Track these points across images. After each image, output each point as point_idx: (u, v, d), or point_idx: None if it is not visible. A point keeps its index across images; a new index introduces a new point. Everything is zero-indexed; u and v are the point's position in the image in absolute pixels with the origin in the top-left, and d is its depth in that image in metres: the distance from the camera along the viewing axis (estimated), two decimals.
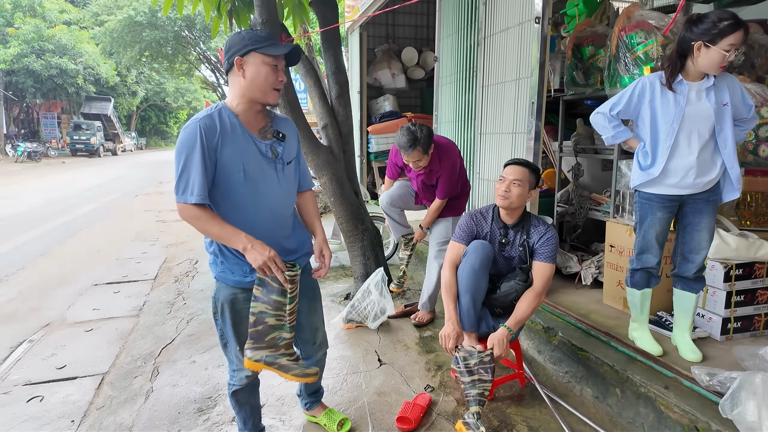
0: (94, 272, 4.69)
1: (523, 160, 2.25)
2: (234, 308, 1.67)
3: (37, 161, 21.33)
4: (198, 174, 1.46)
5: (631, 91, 2.14)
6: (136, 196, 10.62)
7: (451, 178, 2.93)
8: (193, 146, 1.46)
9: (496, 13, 3.29)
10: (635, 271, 2.31)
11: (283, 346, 1.64)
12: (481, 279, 2.15)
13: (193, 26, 19.56)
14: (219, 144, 1.50)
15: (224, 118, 1.53)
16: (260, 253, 1.49)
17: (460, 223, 2.31)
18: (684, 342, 2.25)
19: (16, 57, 23.11)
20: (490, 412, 2.22)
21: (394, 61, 6.67)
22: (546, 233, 2.17)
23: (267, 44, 1.53)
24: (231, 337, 1.73)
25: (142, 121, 42.48)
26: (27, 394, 2.49)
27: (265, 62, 1.53)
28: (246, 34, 1.53)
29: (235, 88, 1.57)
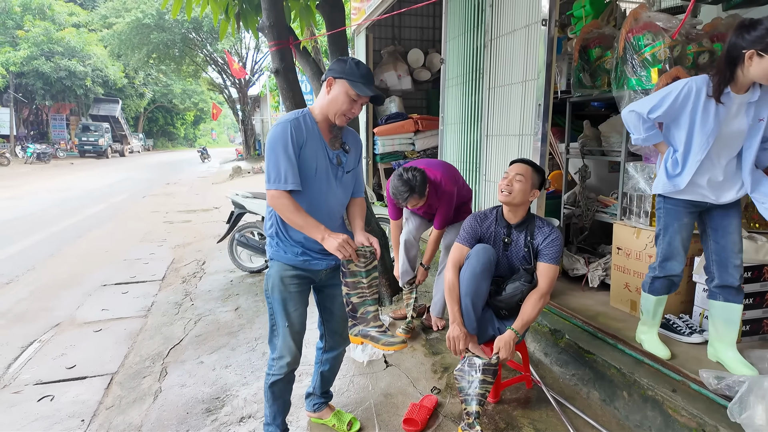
0: (102, 273, 4.73)
1: (526, 159, 2.26)
2: (283, 283, 1.85)
3: (46, 162, 21.55)
4: (291, 165, 1.71)
5: (676, 94, 2.00)
6: (144, 197, 10.71)
7: (449, 208, 2.91)
8: (285, 142, 1.70)
9: (503, 15, 3.29)
10: (657, 278, 2.23)
11: (371, 319, 1.90)
12: (482, 282, 2.14)
13: (200, 28, 19.70)
14: (303, 142, 1.74)
15: (308, 122, 1.78)
16: (335, 239, 1.72)
17: (464, 225, 2.31)
18: (734, 358, 2.09)
19: (25, 59, 23.40)
20: (497, 414, 2.22)
21: (400, 62, 6.68)
22: (550, 234, 2.16)
23: (358, 81, 1.72)
24: (279, 313, 1.86)
25: (149, 122, 42.83)
26: (38, 393, 2.53)
27: (348, 93, 1.73)
28: (348, 65, 1.74)
29: (319, 100, 1.81)
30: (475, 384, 1.95)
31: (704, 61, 2.86)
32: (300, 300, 1.89)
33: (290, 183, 1.70)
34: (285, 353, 1.88)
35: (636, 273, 2.77)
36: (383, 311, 3.49)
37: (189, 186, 13.35)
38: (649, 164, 2.86)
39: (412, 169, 2.77)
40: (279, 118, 1.78)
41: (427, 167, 2.93)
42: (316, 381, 2.16)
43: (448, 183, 2.88)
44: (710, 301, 2.20)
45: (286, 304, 1.86)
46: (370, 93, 1.75)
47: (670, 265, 2.19)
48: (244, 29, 3.67)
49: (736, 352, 2.12)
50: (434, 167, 2.96)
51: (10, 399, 2.47)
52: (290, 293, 1.86)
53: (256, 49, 23.34)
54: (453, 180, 2.93)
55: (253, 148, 24.71)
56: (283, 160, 1.69)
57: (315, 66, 3.56)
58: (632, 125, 2.18)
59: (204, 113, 45.07)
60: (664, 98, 2.03)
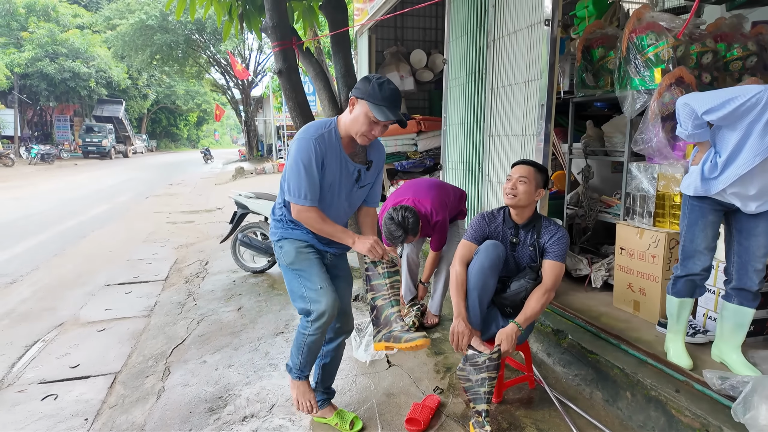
0: (106, 273, 4.75)
1: (528, 161, 2.26)
2: (301, 252, 1.94)
3: (50, 163, 21.64)
4: (312, 182, 1.77)
5: (742, 101, 1.83)
6: (147, 198, 10.74)
7: (443, 233, 2.93)
8: (309, 159, 1.75)
9: (506, 16, 3.29)
10: (678, 278, 2.19)
11: (394, 320, 1.93)
12: (489, 278, 2.15)
13: (203, 30, 19.77)
14: (325, 157, 1.79)
15: (332, 137, 1.81)
16: (366, 241, 1.86)
17: (472, 223, 2.31)
18: (738, 361, 2.09)
19: (30, 61, 23.54)
20: (499, 414, 2.22)
21: (403, 63, 6.68)
22: (557, 233, 2.17)
23: (380, 103, 1.71)
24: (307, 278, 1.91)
25: (152, 123, 42.96)
26: (41, 392, 2.54)
27: (368, 114, 1.73)
28: (372, 85, 1.72)
29: (344, 116, 1.84)
30: (480, 382, 1.96)
31: (707, 61, 2.86)
32: (322, 267, 1.95)
33: (309, 200, 1.78)
34: (326, 310, 1.87)
35: (639, 273, 2.76)
36: None
37: (192, 187, 13.38)
38: (652, 164, 2.85)
39: (403, 209, 2.75)
40: (307, 129, 1.80)
41: (415, 199, 2.91)
42: (318, 375, 2.18)
43: (438, 212, 2.87)
44: (723, 302, 2.18)
45: (312, 269, 1.91)
46: (390, 118, 1.73)
47: (691, 264, 2.14)
48: (248, 30, 3.68)
49: (741, 355, 2.11)
50: (422, 197, 2.93)
51: (14, 398, 2.48)
52: (312, 260, 1.93)
53: (259, 51, 23.39)
54: (443, 205, 2.92)
55: (256, 149, 24.76)
56: (305, 177, 1.75)
57: (318, 66, 3.57)
58: (682, 116, 2.04)
59: (207, 114, 45.21)
60: (727, 102, 1.87)
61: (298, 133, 1.81)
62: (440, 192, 3.01)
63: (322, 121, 1.86)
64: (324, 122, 1.84)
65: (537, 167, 2.23)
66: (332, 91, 3.57)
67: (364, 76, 1.80)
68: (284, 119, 20.21)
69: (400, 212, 2.74)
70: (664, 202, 2.78)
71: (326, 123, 1.84)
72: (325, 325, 1.92)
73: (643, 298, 2.74)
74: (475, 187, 3.81)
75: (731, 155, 1.93)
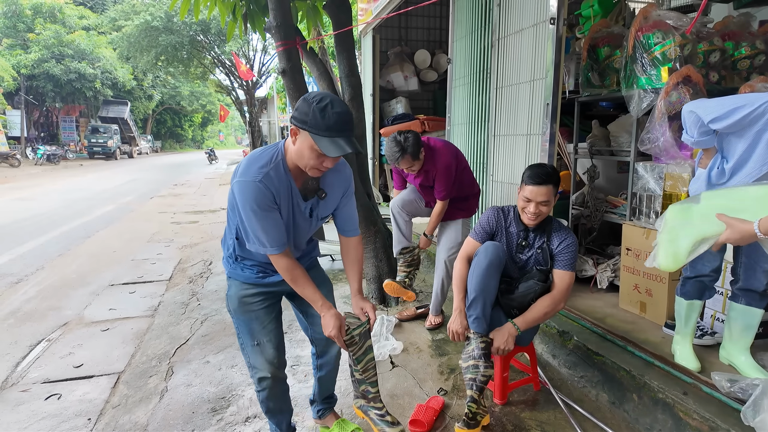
0: (110, 273, 4.76)
1: (545, 175, 2.07)
2: (245, 303, 1.74)
3: (56, 164, 21.77)
4: (271, 226, 1.54)
5: (750, 110, 1.78)
6: (152, 198, 10.78)
7: (448, 178, 2.87)
8: (259, 205, 1.50)
9: (510, 15, 3.27)
10: (687, 279, 2.18)
11: (371, 399, 1.89)
12: (491, 279, 2.10)
13: (207, 31, 19.81)
14: (275, 196, 1.54)
15: (280, 173, 1.55)
16: (329, 323, 1.67)
17: (481, 220, 2.28)
18: (746, 363, 2.07)
19: (36, 62, 23.71)
20: (504, 416, 2.20)
21: (407, 63, 6.67)
22: (566, 239, 2.13)
23: (324, 134, 1.43)
24: (245, 333, 1.76)
25: (157, 124, 43.18)
26: (45, 391, 2.54)
27: (312, 147, 1.46)
28: (313, 111, 1.42)
29: (290, 145, 1.56)
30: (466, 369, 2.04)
31: (715, 59, 2.83)
32: (266, 316, 1.76)
33: (275, 246, 1.56)
34: (262, 370, 1.75)
35: (645, 274, 2.73)
36: (389, 311, 3.47)
37: (196, 187, 13.42)
38: (659, 164, 2.82)
39: (407, 131, 2.81)
40: (248, 166, 1.52)
41: (429, 138, 2.99)
42: (315, 388, 2.08)
43: (446, 153, 2.89)
44: (731, 303, 2.14)
45: (251, 324, 1.74)
46: (340, 152, 1.43)
47: (700, 265, 2.12)
48: (252, 30, 3.68)
49: (749, 357, 2.08)
50: (436, 139, 3.00)
51: (18, 397, 2.49)
52: (254, 311, 1.74)
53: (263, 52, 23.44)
54: (453, 154, 2.94)
55: None
56: (262, 225, 1.52)
57: (322, 66, 3.56)
58: (688, 124, 2.00)
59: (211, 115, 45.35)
60: (733, 111, 1.81)
61: (241, 172, 1.52)
62: (457, 150, 3.02)
63: (266, 152, 1.56)
64: (268, 154, 1.54)
65: (555, 182, 2.09)
66: (336, 92, 3.56)
67: (303, 97, 1.49)
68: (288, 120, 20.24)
69: (404, 134, 2.80)
70: (671, 202, 2.75)
71: (271, 156, 1.54)
72: (269, 382, 1.77)
73: (650, 299, 2.71)
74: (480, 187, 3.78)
75: (738, 163, 1.90)
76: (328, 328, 1.67)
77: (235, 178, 1.54)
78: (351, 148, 1.45)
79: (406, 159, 2.78)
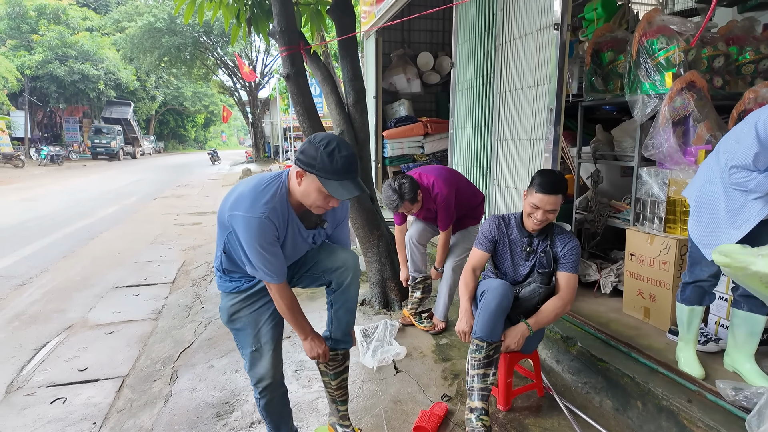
0: (114, 275, 4.78)
1: (555, 183, 2.04)
2: (236, 311, 1.78)
3: (60, 164, 21.84)
4: (277, 259, 1.60)
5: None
6: (155, 199, 10.80)
7: (448, 209, 2.92)
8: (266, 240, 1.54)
9: (514, 20, 3.27)
10: (686, 285, 2.17)
11: (341, 417, 2.01)
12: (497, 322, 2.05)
13: (210, 32, 19.90)
14: (279, 230, 1.59)
15: (284, 206, 1.58)
16: (316, 347, 1.78)
17: (483, 229, 2.29)
18: (752, 370, 2.05)
19: (40, 63, 23.82)
20: (508, 422, 2.20)
21: (410, 65, 6.68)
22: (569, 242, 2.14)
23: (333, 177, 1.47)
24: (242, 340, 1.80)
25: (160, 124, 43.30)
26: (50, 395, 2.55)
27: (320, 190, 1.50)
28: (320, 155, 1.45)
29: (292, 185, 1.58)
30: (473, 378, 2.04)
31: (719, 64, 2.83)
32: (258, 322, 1.77)
33: (277, 277, 1.61)
34: (261, 376, 1.78)
35: (649, 280, 2.73)
36: (392, 316, 3.48)
37: (199, 188, 13.45)
38: (662, 169, 2.82)
39: (401, 176, 2.87)
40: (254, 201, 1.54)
41: (421, 173, 3.00)
42: (330, 323, 1.91)
43: (441, 186, 2.91)
44: (733, 310, 2.14)
45: (245, 331, 1.77)
46: (349, 195, 1.48)
47: (698, 270, 2.12)
48: (255, 34, 3.68)
49: (754, 364, 2.07)
50: (429, 172, 3.01)
51: (24, 401, 2.50)
52: (244, 319, 1.76)
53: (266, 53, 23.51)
54: (448, 182, 2.95)
55: (263, 151, 24.86)
56: (267, 258, 1.56)
57: (325, 70, 3.56)
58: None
59: (214, 116, 45.48)
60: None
61: (245, 207, 1.53)
62: (449, 173, 3.06)
63: (269, 186, 1.56)
64: (271, 189, 1.56)
65: (564, 191, 2.07)
66: (339, 96, 3.56)
67: (308, 140, 1.51)
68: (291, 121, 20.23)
69: (398, 180, 2.85)
70: (675, 207, 2.75)
71: (274, 190, 1.56)
72: (270, 388, 1.79)
73: (654, 304, 2.71)
74: (483, 192, 3.79)
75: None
76: (316, 348, 1.77)
77: (235, 210, 1.55)
78: (358, 190, 1.50)
79: (405, 205, 2.85)
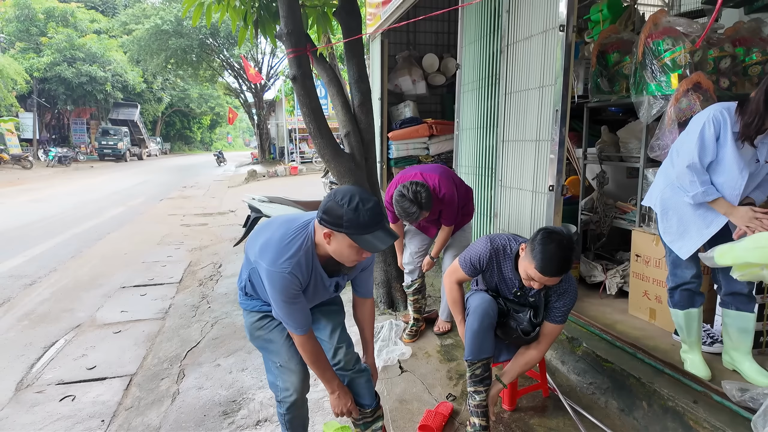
0: (121, 275, 4.82)
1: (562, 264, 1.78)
2: (259, 328, 1.79)
3: (67, 166, 22.03)
4: (302, 312, 1.60)
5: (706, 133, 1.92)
6: (161, 200, 10.88)
7: (453, 207, 2.89)
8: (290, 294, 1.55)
9: (520, 21, 3.28)
10: (673, 290, 2.18)
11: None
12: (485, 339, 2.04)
13: (217, 34, 20.01)
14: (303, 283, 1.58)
15: (309, 259, 1.57)
16: (341, 404, 1.76)
17: (472, 253, 2.08)
18: (751, 368, 2.05)
19: (48, 65, 24.06)
20: (513, 422, 2.21)
21: (415, 67, 6.68)
22: (566, 293, 1.98)
23: (364, 232, 1.44)
24: (267, 354, 1.81)
25: (166, 126, 43.54)
26: (60, 393, 2.58)
27: (352, 246, 1.47)
28: (346, 213, 1.42)
29: (321, 240, 1.54)
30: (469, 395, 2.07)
31: (726, 66, 2.83)
32: (280, 337, 1.78)
33: (301, 329, 1.62)
34: (286, 391, 1.77)
35: (655, 281, 2.73)
36: (397, 316, 3.49)
37: (205, 189, 13.52)
38: None
39: (413, 184, 2.65)
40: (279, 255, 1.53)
41: (423, 174, 2.93)
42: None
43: (447, 185, 2.87)
44: (723, 310, 2.16)
45: (268, 347, 1.78)
46: (380, 248, 1.48)
47: (680, 272, 2.13)
48: (262, 36, 3.71)
49: (753, 362, 2.08)
50: (430, 172, 2.95)
51: (33, 398, 2.53)
52: (267, 335, 1.78)
53: (271, 55, 23.59)
54: (451, 180, 2.93)
55: (268, 152, 24.95)
56: (292, 311, 1.58)
57: (331, 72, 3.58)
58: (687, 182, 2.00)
59: (220, 117, 45.67)
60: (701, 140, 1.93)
61: (269, 259, 1.53)
62: (449, 171, 3.04)
63: (294, 239, 1.54)
64: (296, 243, 1.54)
65: (570, 268, 1.85)
66: (345, 97, 3.59)
67: (328, 198, 1.47)
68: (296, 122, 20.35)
69: (411, 188, 2.63)
70: None
71: (300, 244, 1.54)
72: (296, 404, 1.79)
73: (659, 306, 2.71)
74: (488, 193, 3.79)
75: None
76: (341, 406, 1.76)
77: (260, 259, 1.56)
78: (391, 238, 1.48)
79: (423, 214, 2.69)
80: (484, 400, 2.06)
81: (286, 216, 1.72)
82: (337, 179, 3.45)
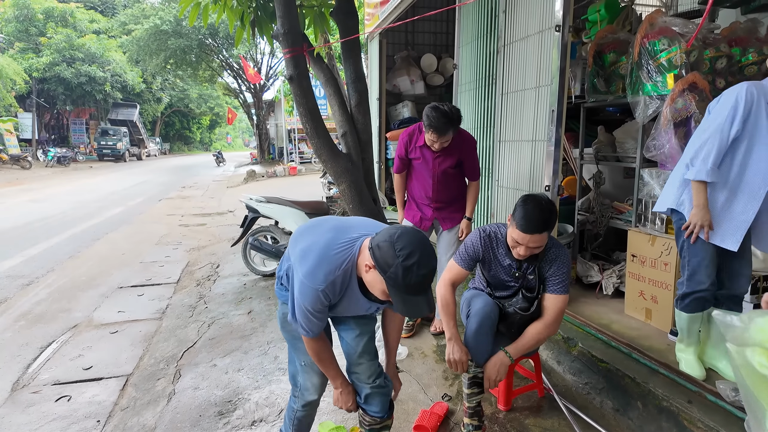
0: (119, 275, 4.82)
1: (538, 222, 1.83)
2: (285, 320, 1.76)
3: (66, 166, 22.03)
4: (321, 323, 1.58)
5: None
6: (160, 200, 10.87)
7: (474, 157, 2.82)
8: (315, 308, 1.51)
9: (516, 21, 3.28)
10: (686, 295, 2.11)
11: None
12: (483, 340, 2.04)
13: (216, 34, 20.01)
14: (333, 298, 1.55)
15: (346, 279, 1.52)
16: (342, 401, 1.76)
17: (466, 245, 2.10)
18: (728, 365, 2.06)
19: (48, 65, 24.03)
20: (508, 422, 2.21)
21: (413, 67, 6.69)
22: (558, 258, 1.98)
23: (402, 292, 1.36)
24: (293, 349, 1.82)
25: (166, 126, 43.53)
26: (55, 393, 2.58)
27: (385, 291, 1.42)
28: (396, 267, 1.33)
29: (361, 260, 1.50)
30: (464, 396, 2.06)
31: (722, 66, 2.82)
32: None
33: (314, 334, 1.60)
34: (307, 392, 1.80)
35: (651, 281, 2.73)
36: None
37: (204, 189, 13.52)
38: (664, 170, 2.82)
39: (448, 103, 2.61)
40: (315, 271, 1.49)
41: None
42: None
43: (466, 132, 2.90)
44: (713, 309, 2.11)
45: (295, 343, 1.78)
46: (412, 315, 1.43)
47: (698, 278, 2.07)
48: (259, 36, 3.72)
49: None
50: None
51: (29, 399, 2.53)
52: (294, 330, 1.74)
53: (271, 55, 23.59)
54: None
55: (268, 152, 24.95)
56: (314, 321, 1.55)
57: (328, 72, 3.59)
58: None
59: (219, 117, 45.66)
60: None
61: (306, 270, 1.50)
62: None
63: (338, 256, 1.50)
64: (338, 260, 1.50)
65: (549, 227, 1.87)
66: (343, 97, 3.59)
67: (390, 238, 1.38)
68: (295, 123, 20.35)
69: (447, 105, 2.55)
70: None
71: (341, 262, 1.50)
72: (312, 404, 1.82)
73: (655, 306, 2.71)
74: (484, 193, 3.80)
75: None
76: (341, 402, 1.76)
77: (299, 265, 1.54)
78: (428, 309, 1.40)
79: (449, 133, 2.58)
80: (479, 401, 2.06)
81: (339, 221, 1.66)
82: (334, 179, 3.46)
